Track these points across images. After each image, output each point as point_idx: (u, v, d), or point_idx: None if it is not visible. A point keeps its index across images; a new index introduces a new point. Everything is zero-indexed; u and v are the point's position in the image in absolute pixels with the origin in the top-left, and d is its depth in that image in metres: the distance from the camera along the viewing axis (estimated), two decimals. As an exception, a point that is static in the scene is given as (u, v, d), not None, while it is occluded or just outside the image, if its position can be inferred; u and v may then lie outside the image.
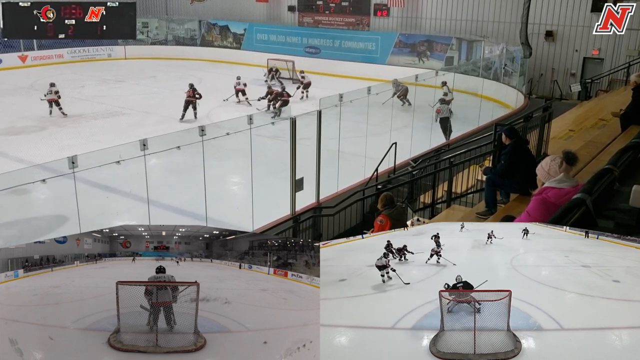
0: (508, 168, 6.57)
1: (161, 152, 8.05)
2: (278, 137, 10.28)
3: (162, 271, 2.96)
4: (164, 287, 2.87)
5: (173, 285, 2.88)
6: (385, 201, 6.06)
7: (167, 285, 2.89)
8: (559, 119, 12.14)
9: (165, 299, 2.86)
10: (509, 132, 6.84)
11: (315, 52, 27.99)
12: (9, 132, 15.38)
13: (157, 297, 2.85)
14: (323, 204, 9.63)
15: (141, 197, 8.45)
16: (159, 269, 2.96)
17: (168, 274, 2.96)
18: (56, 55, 27.37)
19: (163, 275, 2.95)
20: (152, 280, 2.97)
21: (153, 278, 2.92)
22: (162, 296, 2.87)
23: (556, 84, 21.73)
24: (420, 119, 14.68)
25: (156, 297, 2.85)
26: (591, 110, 13.63)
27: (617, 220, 3.95)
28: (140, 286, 2.89)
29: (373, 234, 5.30)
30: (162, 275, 2.95)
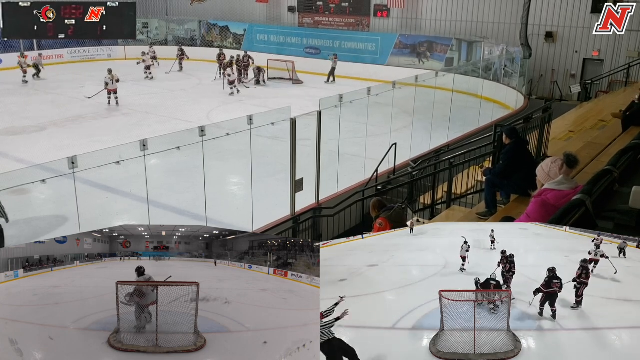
0: (507, 168, 6.57)
1: (161, 153, 8.04)
2: (278, 138, 10.28)
3: (143, 273, 2.96)
4: (151, 289, 2.86)
5: (154, 285, 2.88)
6: (377, 206, 5.97)
7: (152, 285, 2.88)
8: (559, 120, 12.15)
9: (151, 299, 2.87)
10: (510, 132, 6.84)
11: (315, 52, 28.00)
12: (9, 132, 15.37)
13: (148, 299, 2.86)
14: (323, 204, 9.62)
15: (141, 197, 8.45)
16: (141, 271, 2.95)
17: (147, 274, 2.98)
18: (56, 56, 27.36)
19: (144, 277, 2.96)
20: (153, 281, 2.97)
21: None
22: (151, 297, 2.88)
23: (556, 85, 21.73)
24: (420, 119, 14.68)
25: (145, 299, 2.85)
26: (591, 112, 13.65)
27: (617, 221, 3.95)
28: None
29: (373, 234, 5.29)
30: (143, 277, 2.96)
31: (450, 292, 2.70)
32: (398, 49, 25.91)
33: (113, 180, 10.55)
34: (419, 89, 14.56)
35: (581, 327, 2.69)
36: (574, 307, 2.78)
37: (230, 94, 21.35)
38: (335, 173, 10.53)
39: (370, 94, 11.65)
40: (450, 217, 7.23)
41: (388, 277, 3.09)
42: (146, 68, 24.21)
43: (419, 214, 8.52)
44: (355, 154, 11.94)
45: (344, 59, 27.00)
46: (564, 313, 2.75)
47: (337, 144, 10.91)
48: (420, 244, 3.68)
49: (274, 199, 10.06)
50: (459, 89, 16.37)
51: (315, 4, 28.46)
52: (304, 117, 9.43)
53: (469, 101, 17.80)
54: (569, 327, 2.66)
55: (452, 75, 16.83)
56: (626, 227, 3.84)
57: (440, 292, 2.68)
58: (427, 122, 14.45)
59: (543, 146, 8.40)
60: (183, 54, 27.00)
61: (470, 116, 16.00)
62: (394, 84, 13.36)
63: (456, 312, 2.66)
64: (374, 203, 6.05)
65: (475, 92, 18.68)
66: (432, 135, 13.81)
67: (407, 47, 25.75)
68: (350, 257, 3.48)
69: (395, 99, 13.35)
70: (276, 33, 29.40)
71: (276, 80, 24.58)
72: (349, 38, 27.29)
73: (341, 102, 10.38)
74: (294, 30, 29.03)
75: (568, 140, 10.09)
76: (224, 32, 31.21)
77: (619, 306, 2.82)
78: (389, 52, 26.15)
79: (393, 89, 13.09)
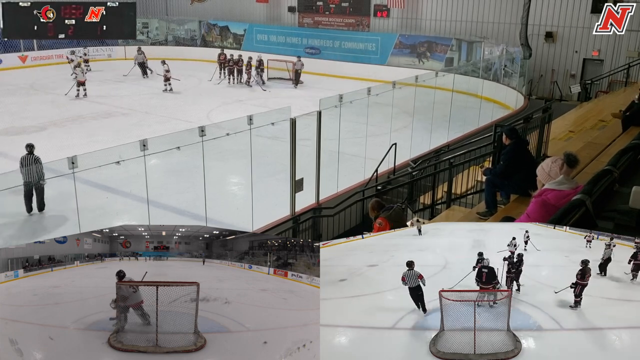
0: (507, 168, 6.56)
1: (161, 153, 8.04)
2: (278, 138, 10.28)
3: (123, 276, 2.96)
4: (135, 289, 2.87)
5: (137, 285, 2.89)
6: (375, 207, 5.97)
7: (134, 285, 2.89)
8: (559, 120, 12.15)
9: (137, 299, 2.88)
10: (510, 133, 6.84)
11: (315, 52, 28.00)
12: (9, 132, 15.37)
13: (131, 300, 2.87)
14: (323, 204, 9.62)
15: (141, 197, 8.45)
16: (121, 275, 2.95)
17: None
18: (56, 56, 27.36)
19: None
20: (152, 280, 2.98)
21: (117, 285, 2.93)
22: (135, 298, 2.89)
23: (556, 85, 21.74)
24: (420, 119, 14.69)
25: (131, 300, 2.87)
26: (591, 112, 13.65)
27: (617, 221, 3.95)
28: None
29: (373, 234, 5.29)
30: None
31: (450, 292, 2.70)
32: (398, 49, 25.91)
33: (113, 180, 10.55)
34: (419, 89, 14.55)
35: (581, 327, 2.69)
36: (572, 307, 2.79)
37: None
38: (335, 173, 10.53)
39: (370, 94, 11.65)
40: (450, 217, 7.22)
41: (388, 277, 3.08)
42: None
43: (419, 214, 8.52)
44: (355, 154, 11.94)
45: (344, 59, 27.02)
46: (564, 313, 2.76)
47: (337, 144, 10.91)
48: (420, 244, 3.68)
49: (274, 199, 10.06)
50: (458, 89, 16.37)
51: (315, 4, 28.46)
52: (304, 117, 9.43)
53: (469, 101, 17.80)
54: (569, 327, 2.66)
55: (452, 75, 16.83)
56: (626, 227, 3.84)
57: (440, 292, 2.68)
58: (427, 122, 14.45)
59: (543, 146, 8.40)
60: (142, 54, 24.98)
61: (470, 116, 16.00)
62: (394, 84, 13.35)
63: (456, 312, 2.66)
64: (373, 204, 6.05)
65: (475, 92, 18.68)
66: (432, 135, 13.81)
67: (407, 47, 25.75)
68: (350, 257, 3.48)
69: (395, 99, 13.35)
70: (276, 33, 29.40)
71: (276, 80, 24.58)
72: (349, 38, 27.29)
73: (341, 102, 10.38)
74: (294, 30, 29.03)
75: (568, 140, 10.09)
76: (224, 32, 31.21)
77: (619, 306, 2.82)
78: (389, 52, 26.15)
79: (393, 89, 13.08)
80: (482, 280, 2.86)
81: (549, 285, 2.99)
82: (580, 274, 2.82)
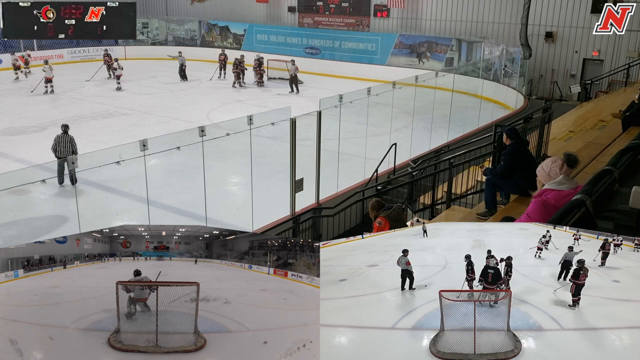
0: (507, 168, 6.56)
1: (161, 153, 8.05)
2: (278, 138, 10.29)
3: (139, 274, 3.06)
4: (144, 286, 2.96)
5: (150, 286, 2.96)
6: (375, 207, 5.98)
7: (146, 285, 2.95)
8: (559, 120, 12.15)
9: (143, 295, 2.96)
10: (510, 133, 6.84)
11: (315, 52, 28.01)
12: (9, 132, 15.38)
13: (137, 295, 2.97)
14: (323, 204, 9.62)
15: (141, 197, 8.46)
16: (137, 272, 3.06)
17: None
18: (56, 56, 27.36)
19: (140, 277, 3.08)
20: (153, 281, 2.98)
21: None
22: (144, 293, 2.96)
23: (556, 85, 21.75)
24: (420, 119, 14.69)
25: (137, 294, 2.96)
26: (591, 112, 13.65)
27: (617, 221, 3.95)
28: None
29: (373, 234, 5.29)
30: (139, 277, 3.08)
31: (450, 292, 2.70)
32: (398, 49, 25.92)
33: (113, 180, 10.56)
34: (418, 89, 14.57)
35: (581, 327, 2.69)
36: (570, 306, 2.79)
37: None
38: (335, 173, 10.54)
39: (370, 94, 11.66)
40: (450, 217, 7.22)
41: (388, 277, 3.08)
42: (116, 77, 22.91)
43: (419, 214, 8.52)
44: (355, 153, 11.95)
45: (344, 59, 27.02)
46: (564, 313, 2.75)
47: (337, 144, 10.91)
48: (420, 244, 3.68)
49: (274, 199, 10.07)
50: (458, 89, 16.38)
51: (315, 4, 28.46)
52: (303, 117, 9.43)
53: (469, 101, 17.82)
54: (569, 327, 2.66)
55: (452, 75, 16.85)
56: (626, 227, 3.84)
57: (440, 292, 2.68)
58: (427, 122, 14.47)
59: (543, 146, 8.40)
60: (111, 59, 24.50)
61: (470, 116, 16.01)
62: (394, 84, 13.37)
63: (456, 312, 2.66)
64: (373, 204, 6.05)
65: (475, 92, 18.69)
66: (432, 135, 13.82)
67: (407, 47, 25.76)
68: (350, 257, 3.48)
69: (395, 99, 13.37)
70: (276, 33, 29.41)
71: (276, 80, 24.57)
72: (349, 38, 27.29)
73: (341, 102, 10.38)
74: (294, 30, 29.03)
75: (568, 140, 10.09)
76: (224, 32, 31.21)
77: (619, 306, 2.82)
78: (389, 52, 26.15)
79: (393, 89, 13.10)
80: (488, 280, 2.85)
81: (549, 285, 2.99)
82: (573, 273, 2.83)
